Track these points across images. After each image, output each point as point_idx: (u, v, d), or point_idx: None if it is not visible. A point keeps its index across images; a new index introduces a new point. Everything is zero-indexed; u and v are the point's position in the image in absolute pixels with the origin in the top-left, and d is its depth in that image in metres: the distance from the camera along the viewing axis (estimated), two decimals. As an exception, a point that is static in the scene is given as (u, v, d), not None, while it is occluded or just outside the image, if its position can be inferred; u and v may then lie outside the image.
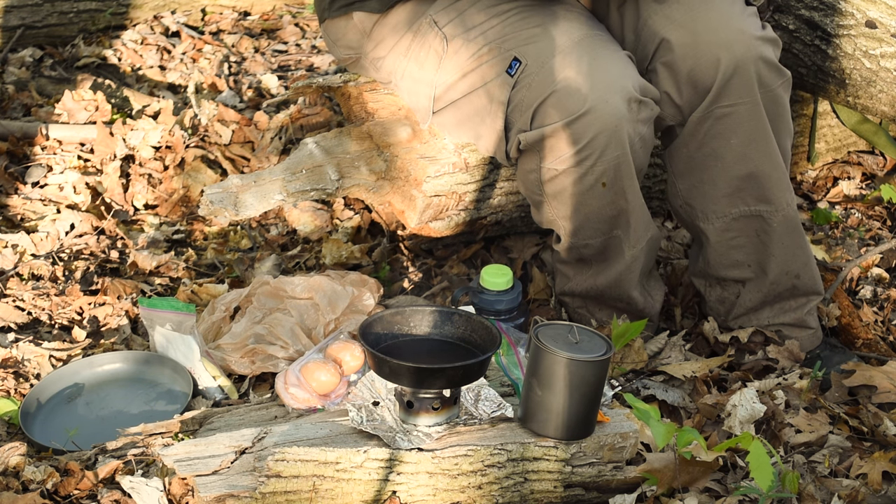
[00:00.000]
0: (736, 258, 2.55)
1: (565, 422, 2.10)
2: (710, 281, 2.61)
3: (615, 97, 2.31)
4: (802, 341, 2.59)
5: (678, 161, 2.51)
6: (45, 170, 3.33)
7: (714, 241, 2.54)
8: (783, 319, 2.59)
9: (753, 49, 2.39)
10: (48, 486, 2.15)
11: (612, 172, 2.36)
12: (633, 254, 2.50)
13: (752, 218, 2.50)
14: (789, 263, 2.55)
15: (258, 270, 2.91)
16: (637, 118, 2.35)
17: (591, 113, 2.31)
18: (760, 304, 2.58)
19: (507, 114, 2.41)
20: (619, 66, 2.36)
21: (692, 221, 2.56)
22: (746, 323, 2.61)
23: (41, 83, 3.80)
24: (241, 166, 3.34)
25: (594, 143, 2.32)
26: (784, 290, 2.57)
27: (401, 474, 2.08)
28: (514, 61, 2.39)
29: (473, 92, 2.46)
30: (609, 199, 2.41)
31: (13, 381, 2.54)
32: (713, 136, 2.45)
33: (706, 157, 2.47)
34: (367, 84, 2.74)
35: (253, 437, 2.08)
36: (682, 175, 2.52)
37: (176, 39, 4.14)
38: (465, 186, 2.69)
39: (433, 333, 2.24)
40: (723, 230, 2.52)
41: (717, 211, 2.51)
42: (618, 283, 2.54)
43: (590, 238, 2.48)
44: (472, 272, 2.90)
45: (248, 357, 2.53)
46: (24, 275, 2.92)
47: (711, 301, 2.63)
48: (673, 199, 2.58)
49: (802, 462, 2.28)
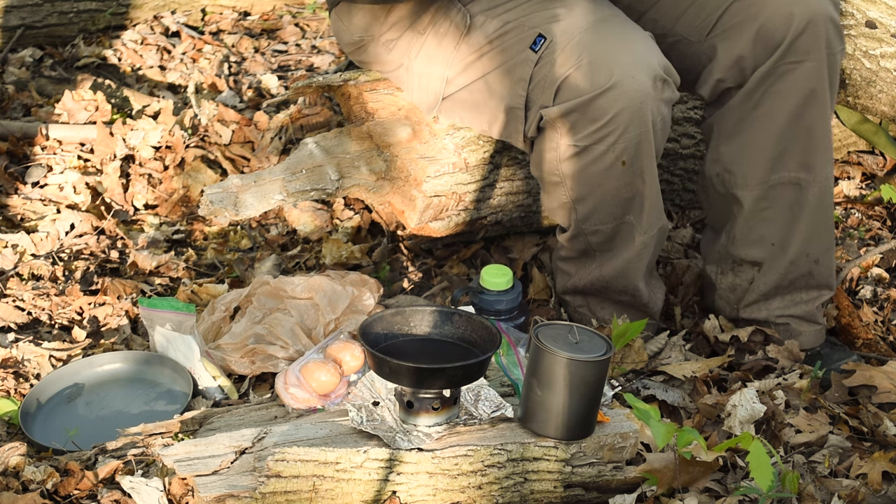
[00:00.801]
0: (762, 233, 2.55)
1: (565, 422, 2.10)
2: (725, 267, 2.61)
3: (641, 73, 2.32)
4: (809, 337, 2.59)
5: (728, 121, 2.51)
6: (45, 170, 3.33)
7: (747, 210, 2.53)
8: (793, 311, 2.59)
9: (825, 7, 2.42)
10: (48, 486, 2.15)
11: (632, 150, 2.36)
12: (644, 240, 2.50)
13: (790, 186, 2.50)
14: (812, 244, 2.54)
15: (258, 270, 2.91)
16: (661, 97, 2.36)
17: (617, 88, 2.31)
18: (774, 290, 2.57)
19: (528, 91, 2.41)
20: (644, 44, 2.37)
21: (728, 190, 2.54)
22: (756, 313, 2.60)
23: (41, 83, 3.80)
24: (241, 166, 3.34)
25: (617, 118, 2.32)
26: (800, 275, 2.56)
27: (401, 474, 2.08)
28: (539, 37, 2.39)
29: (492, 72, 2.46)
30: (627, 180, 2.40)
31: (13, 381, 2.54)
32: (772, 95, 2.45)
33: (760, 116, 2.47)
34: (367, 84, 2.74)
35: (253, 437, 2.08)
36: (729, 137, 2.52)
37: (176, 39, 4.14)
38: (465, 186, 2.69)
39: (433, 333, 2.24)
40: (759, 198, 2.52)
41: (757, 176, 2.50)
42: (625, 272, 2.54)
43: (601, 223, 2.48)
44: (472, 272, 2.90)
45: (248, 357, 2.53)
46: (24, 275, 2.92)
47: (722, 289, 2.63)
48: (711, 166, 2.57)
49: (802, 462, 2.28)
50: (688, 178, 3.02)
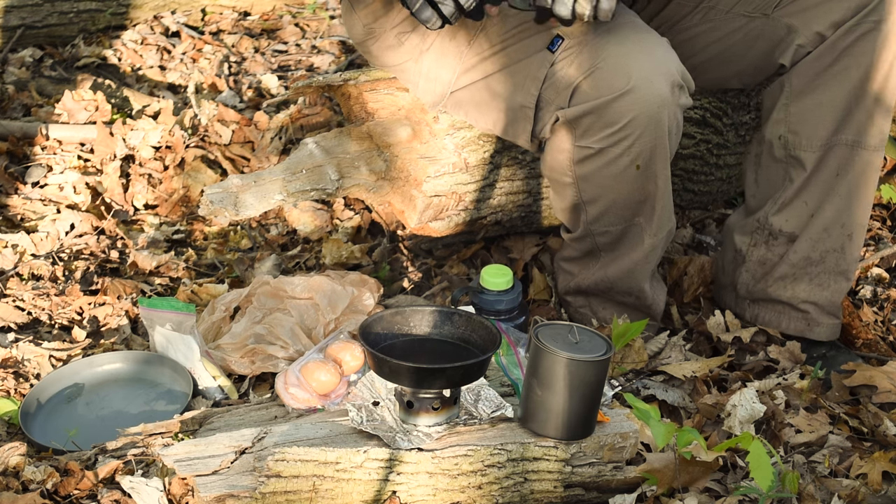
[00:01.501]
0: (806, 199, 2.53)
1: (565, 422, 2.10)
2: (759, 239, 2.60)
3: (659, 78, 2.31)
4: (826, 329, 2.59)
5: (802, 79, 2.50)
6: (45, 170, 3.33)
7: (808, 172, 2.51)
8: (818, 298, 2.57)
9: None
10: (48, 486, 2.15)
11: (647, 154, 2.35)
12: (653, 242, 2.50)
13: (844, 148, 2.49)
14: (848, 214, 2.53)
15: (258, 270, 2.91)
16: (678, 102, 2.35)
17: (635, 92, 2.30)
18: (804, 261, 2.56)
19: (540, 91, 2.40)
20: (662, 49, 2.36)
21: (790, 153, 2.53)
22: (782, 291, 2.59)
23: (41, 83, 3.80)
24: (241, 166, 3.34)
25: (634, 123, 2.31)
26: (831, 249, 2.54)
27: (401, 474, 2.08)
28: (557, 38, 2.38)
29: (505, 69, 2.45)
30: (640, 184, 2.40)
31: (13, 381, 2.54)
32: (849, 53, 2.44)
33: (835, 74, 2.46)
34: (367, 84, 2.73)
35: (253, 437, 2.08)
36: (799, 96, 2.51)
37: (176, 39, 4.14)
38: (465, 186, 2.69)
39: (433, 333, 2.24)
40: (818, 159, 2.50)
41: (822, 137, 2.49)
42: (632, 273, 2.54)
43: (611, 224, 2.48)
44: (472, 272, 2.90)
45: (248, 357, 2.53)
46: (24, 275, 2.92)
47: (751, 262, 2.61)
48: (774, 128, 2.55)
49: (802, 462, 2.28)
50: (688, 178, 3.02)
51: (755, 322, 2.65)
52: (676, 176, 3.00)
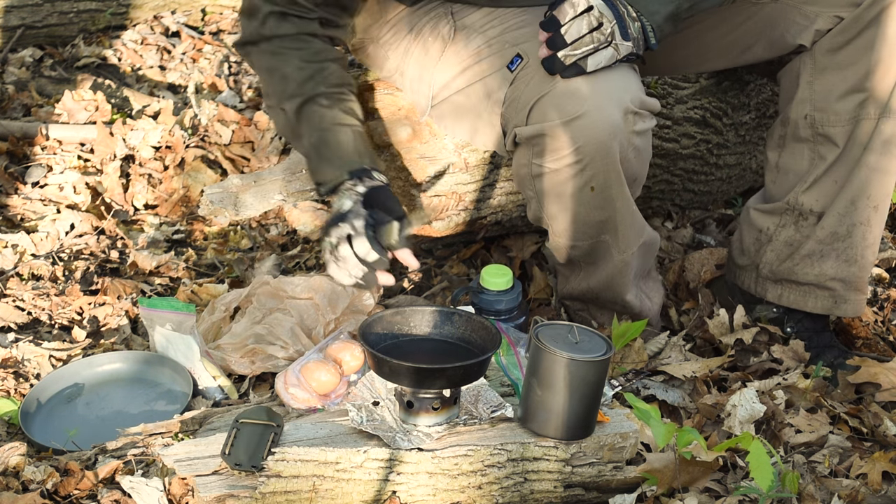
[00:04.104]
0: (835, 177, 2.51)
1: (565, 422, 2.10)
2: (788, 220, 2.57)
3: (611, 106, 2.28)
4: (852, 305, 2.57)
5: (827, 54, 2.47)
6: (45, 170, 3.33)
7: (842, 146, 2.49)
8: (845, 273, 2.55)
9: None
10: (48, 486, 2.15)
11: (601, 178, 2.34)
12: (624, 258, 2.49)
13: (870, 121, 2.47)
14: (874, 186, 2.51)
15: (258, 270, 2.91)
16: (632, 129, 2.32)
17: (585, 118, 2.28)
18: (830, 240, 2.53)
19: (503, 109, 2.40)
20: (621, 75, 2.32)
21: (819, 130, 2.50)
22: (809, 269, 2.56)
23: (41, 83, 3.80)
24: (241, 166, 3.34)
25: (583, 149, 2.30)
26: (857, 222, 2.52)
27: (401, 474, 2.08)
28: (517, 57, 2.38)
29: (471, 86, 2.46)
30: (597, 204, 2.39)
31: (13, 381, 2.54)
32: (874, 24, 2.41)
33: (859, 47, 2.43)
34: (367, 84, 2.74)
35: (253, 437, 2.08)
36: (823, 72, 2.48)
37: (176, 39, 4.14)
38: (465, 186, 2.69)
39: (433, 333, 2.24)
40: (849, 134, 2.48)
41: (850, 111, 2.47)
42: (609, 286, 2.54)
43: (578, 240, 2.47)
44: (472, 272, 2.90)
45: (248, 357, 2.53)
46: (24, 275, 2.92)
47: (778, 241, 2.59)
48: (799, 108, 2.53)
49: (802, 462, 2.28)
50: (688, 178, 3.01)
51: (778, 302, 2.62)
52: (676, 176, 3.00)
